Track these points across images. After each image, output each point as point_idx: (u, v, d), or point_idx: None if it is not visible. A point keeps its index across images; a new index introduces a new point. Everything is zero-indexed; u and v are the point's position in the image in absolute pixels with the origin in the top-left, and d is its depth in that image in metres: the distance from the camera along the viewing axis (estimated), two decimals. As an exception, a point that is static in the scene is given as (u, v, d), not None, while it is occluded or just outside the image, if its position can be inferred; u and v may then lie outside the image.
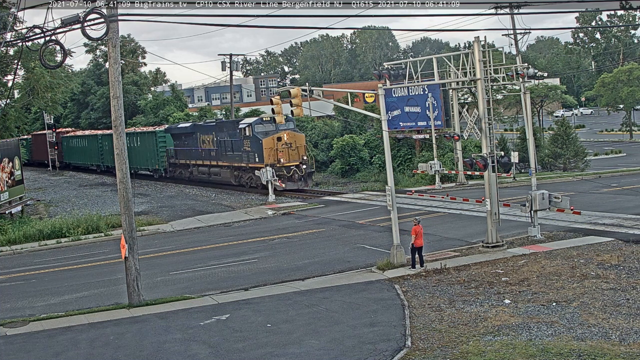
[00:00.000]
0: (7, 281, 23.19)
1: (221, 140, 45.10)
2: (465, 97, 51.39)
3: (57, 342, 15.77)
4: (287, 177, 39.68)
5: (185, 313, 17.42)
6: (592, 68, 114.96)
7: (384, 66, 25.30)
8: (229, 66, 57.88)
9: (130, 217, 18.71)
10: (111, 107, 18.88)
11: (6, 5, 34.22)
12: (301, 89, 23.12)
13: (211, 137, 46.46)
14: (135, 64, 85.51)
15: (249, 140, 41.68)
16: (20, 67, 41.72)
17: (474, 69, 22.52)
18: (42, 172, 71.61)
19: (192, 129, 49.33)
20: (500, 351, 13.13)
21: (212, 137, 46.39)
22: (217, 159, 46.11)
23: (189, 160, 50.06)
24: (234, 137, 43.40)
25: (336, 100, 38.13)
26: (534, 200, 22.97)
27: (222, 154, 45.19)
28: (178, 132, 51.39)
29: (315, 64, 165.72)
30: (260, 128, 41.41)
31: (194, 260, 24.57)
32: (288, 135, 40.69)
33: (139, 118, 73.17)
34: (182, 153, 51.10)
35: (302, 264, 22.52)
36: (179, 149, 51.66)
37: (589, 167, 46.41)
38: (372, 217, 30.23)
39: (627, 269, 18.45)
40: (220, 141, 45.19)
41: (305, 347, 14.18)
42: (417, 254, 20.32)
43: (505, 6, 43.28)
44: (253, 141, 41.29)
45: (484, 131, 22.43)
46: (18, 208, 36.15)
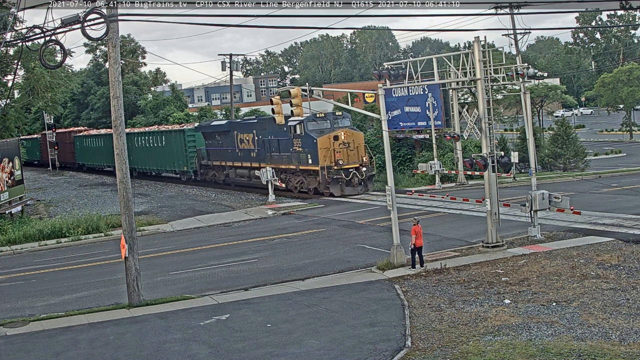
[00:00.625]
0: (7, 281, 23.19)
1: (264, 140, 40.92)
2: (465, 97, 51.40)
3: (57, 342, 15.77)
4: (345, 182, 36.21)
5: (185, 313, 17.42)
6: (592, 68, 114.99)
7: (384, 66, 25.30)
8: (229, 66, 57.89)
9: (130, 217, 18.71)
10: (111, 107, 18.88)
11: (6, 5, 34.22)
12: (301, 89, 23.13)
13: (251, 135, 42.31)
14: (135, 64, 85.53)
15: (300, 140, 37.67)
16: (20, 67, 41.78)
17: (474, 69, 22.52)
18: (42, 172, 71.63)
19: (228, 127, 45.24)
20: (500, 351, 13.12)
21: (252, 136, 42.22)
22: (259, 160, 41.70)
23: (224, 161, 45.82)
24: (281, 136, 39.21)
25: (336, 100, 37.59)
26: (534, 200, 22.97)
27: (265, 154, 40.96)
28: (211, 131, 46.82)
29: (315, 64, 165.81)
30: (314, 125, 37.43)
31: (194, 260, 24.57)
32: (345, 133, 36.65)
33: (139, 118, 73.21)
34: (216, 154, 46.82)
35: (302, 264, 22.52)
36: (212, 149, 47.34)
37: (589, 167, 46.42)
38: (372, 217, 30.23)
39: (627, 269, 18.44)
40: (264, 140, 41.01)
41: (305, 347, 14.18)
42: (417, 254, 20.32)
43: (505, 6, 43.27)
44: (305, 140, 37.24)
45: (484, 131, 22.43)
46: (18, 208, 36.16)
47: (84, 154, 68.71)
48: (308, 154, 37.22)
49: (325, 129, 37.12)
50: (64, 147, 72.64)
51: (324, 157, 36.15)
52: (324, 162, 36.14)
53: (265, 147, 40.91)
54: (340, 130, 36.79)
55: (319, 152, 36.25)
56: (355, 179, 36.55)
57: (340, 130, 36.75)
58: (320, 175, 36.58)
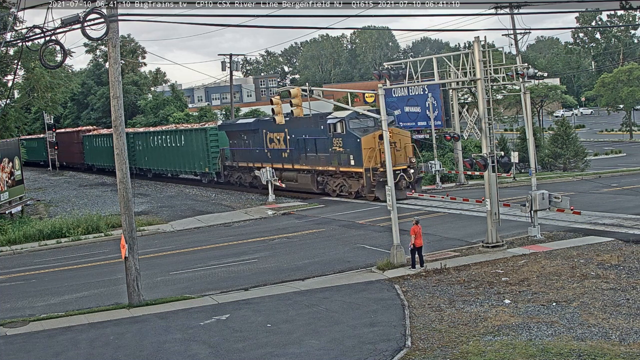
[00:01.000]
0: (7, 281, 23.19)
1: (298, 139, 38.18)
2: (465, 97, 51.42)
3: (57, 342, 15.77)
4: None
5: (185, 313, 17.42)
6: (592, 68, 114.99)
7: (384, 66, 25.32)
8: (229, 66, 57.89)
9: (130, 217, 18.71)
10: (111, 107, 18.87)
11: (6, 5, 34.23)
12: (301, 89, 23.13)
13: (283, 134, 39.47)
14: (135, 64, 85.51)
15: (340, 139, 35.03)
16: (20, 67, 41.75)
17: (474, 69, 22.54)
18: (42, 172, 71.60)
19: (255, 126, 42.16)
20: (500, 351, 13.13)
21: (284, 135, 39.44)
22: (291, 161, 39.14)
23: (251, 162, 42.76)
24: (318, 135, 36.77)
25: (336, 100, 37.40)
26: (534, 200, 22.97)
27: (298, 155, 38.35)
28: (236, 130, 43.80)
29: (315, 64, 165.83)
30: (356, 124, 34.72)
31: (194, 260, 24.57)
32: (391, 132, 31.78)
33: (139, 118, 73.18)
34: (242, 154, 43.82)
35: (302, 264, 22.52)
36: (237, 149, 44.33)
37: (589, 167, 46.42)
38: (372, 217, 30.22)
39: (627, 269, 18.44)
40: (297, 140, 38.25)
41: (305, 347, 14.18)
42: (417, 254, 20.32)
43: (505, 6, 43.29)
44: (347, 140, 34.62)
45: (484, 131, 22.45)
46: (18, 208, 36.17)
47: (94, 154, 65.80)
48: (350, 154, 34.65)
49: (369, 127, 34.34)
50: (71, 147, 70.37)
51: (369, 157, 33.47)
52: (368, 163, 33.45)
53: (300, 147, 38.29)
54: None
55: (362, 153, 33.59)
56: (403, 182, 33.63)
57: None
58: (365, 178, 33.89)
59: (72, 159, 71.23)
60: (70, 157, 71.73)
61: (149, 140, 54.25)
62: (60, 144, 73.27)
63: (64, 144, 72.50)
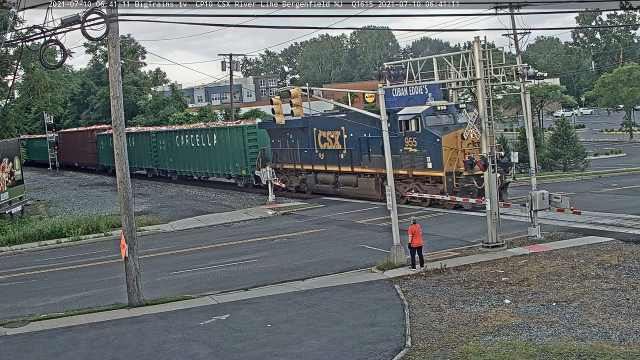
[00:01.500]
0: (7, 281, 23.20)
1: (359, 138, 33.97)
2: (465, 97, 51.41)
3: (57, 342, 15.78)
4: (477, 190, 27.94)
5: (185, 313, 17.42)
6: (592, 68, 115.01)
7: (384, 66, 25.31)
8: (229, 66, 57.90)
9: (130, 217, 18.72)
10: (111, 107, 18.89)
11: (6, 5, 34.23)
12: (301, 89, 23.12)
13: (338, 133, 35.59)
14: (135, 64, 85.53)
15: (414, 138, 30.93)
16: (20, 67, 41.76)
17: (474, 69, 22.54)
18: (42, 172, 71.60)
19: (304, 124, 37.41)
20: (500, 351, 13.13)
21: (339, 134, 35.52)
22: (350, 163, 35.12)
23: (298, 164, 38.88)
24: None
25: (336, 100, 37.11)
26: (534, 200, 22.97)
27: (359, 156, 34.28)
28: (279, 128, 37.21)
29: (315, 64, 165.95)
30: (434, 120, 30.56)
31: (194, 260, 24.57)
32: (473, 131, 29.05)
33: (139, 118, 73.22)
34: (287, 155, 39.72)
35: (302, 264, 22.52)
36: (280, 150, 40.21)
37: (589, 167, 46.39)
38: (372, 217, 30.22)
39: (627, 269, 18.44)
40: (358, 139, 34.10)
41: (305, 347, 14.18)
42: (416, 254, 20.32)
43: (505, 6, 43.28)
44: (423, 139, 30.37)
45: (484, 131, 22.45)
46: (18, 208, 36.19)
47: (110, 155, 55.02)
48: (427, 156, 30.44)
49: (448, 125, 30.40)
50: (85, 147, 66.40)
51: (451, 159, 29.36)
52: (450, 166, 29.36)
53: (361, 148, 34.14)
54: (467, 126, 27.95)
55: (443, 154, 29.52)
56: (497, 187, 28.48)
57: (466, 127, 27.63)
58: (445, 183, 29.69)
59: (85, 159, 67.49)
60: (82, 157, 68.42)
61: (174, 139, 50.25)
62: (70, 144, 71.02)
63: (74, 143, 70.17)
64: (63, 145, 73.05)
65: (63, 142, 73.29)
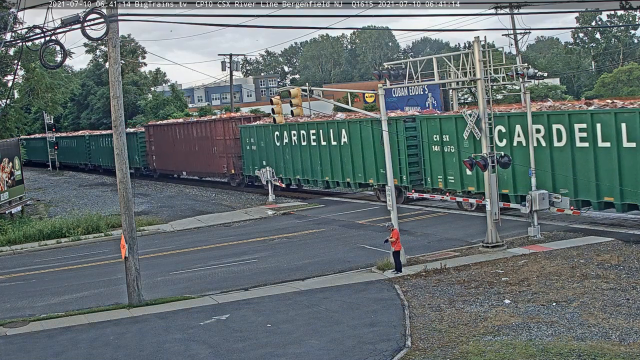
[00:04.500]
0: (7, 281, 23.21)
1: None
2: (465, 97, 51.43)
3: (57, 342, 15.78)
4: None
5: (185, 313, 17.42)
6: (592, 68, 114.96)
7: (384, 66, 25.27)
8: (229, 66, 57.94)
9: (130, 217, 18.72)
10: (111, 107, 18.89)
11: (6, 5, 34.24)
12: (301, 89, 23.11)
13: None
14: (135, 64, 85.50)
15: None
16: (20, 67, 41.75)
17: (474, 69, 22.52)
18: (42, 172, 71.59)
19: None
20: (500, 351, 13.13)
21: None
22: None
23: None
24: None
25: (336, 100, 37.32)
26: (534, 200, 22.97)
27: None
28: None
29: (315, 64, 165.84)
30: None
31: (194, 260, 24.57)
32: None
33: (139, 118, 73.22)
34: None
35: (302, 264, 22.52)
36: None
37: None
38: (372, 217, 30.21)
39: (627, 269, 18.44)
40: None
41: (305, 347, 14.18)
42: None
43: (505, 6, 43.30)
44: None
45: (484, 131, 22.44)
46: (18, 208, 36.19)
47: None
48: None
49: None
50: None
51: None
52: None
53: None
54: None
55: None
56: None
57: None
58: None
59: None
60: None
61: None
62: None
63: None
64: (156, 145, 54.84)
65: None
